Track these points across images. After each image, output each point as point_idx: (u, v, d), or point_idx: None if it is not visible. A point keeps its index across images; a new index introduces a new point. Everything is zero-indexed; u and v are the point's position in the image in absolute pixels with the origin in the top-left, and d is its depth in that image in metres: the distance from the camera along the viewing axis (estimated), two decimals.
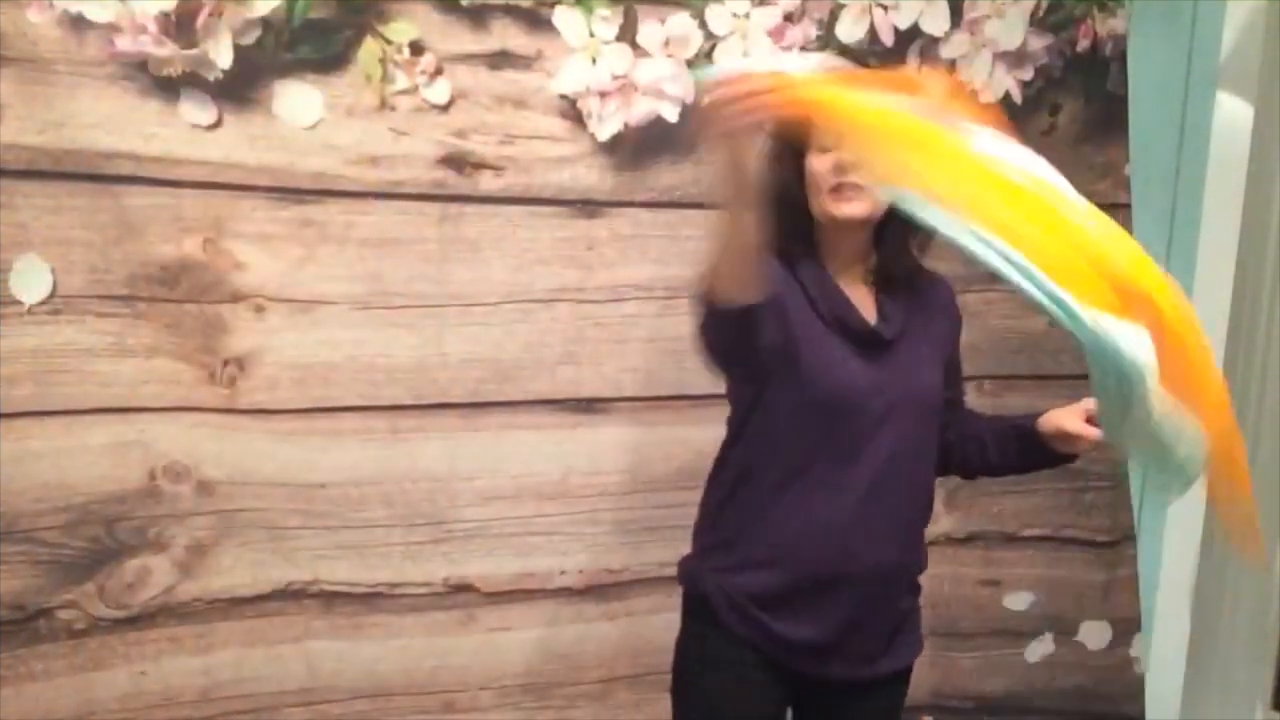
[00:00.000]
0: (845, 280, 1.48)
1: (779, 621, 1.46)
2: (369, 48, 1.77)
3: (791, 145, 1.43)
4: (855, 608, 1.46)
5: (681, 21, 1.87)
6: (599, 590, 1.99)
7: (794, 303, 1.43)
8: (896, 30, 1.96)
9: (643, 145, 1.90)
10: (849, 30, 1.94)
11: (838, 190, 1.40)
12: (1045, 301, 1.16)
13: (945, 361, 1.54)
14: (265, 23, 1.73)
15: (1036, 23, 2.01)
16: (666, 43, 1.88)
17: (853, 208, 1.41)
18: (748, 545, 1.48)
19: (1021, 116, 2.03)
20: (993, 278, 2.03)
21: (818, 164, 1.41)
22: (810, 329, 1.43)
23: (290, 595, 1.88)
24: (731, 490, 1.51)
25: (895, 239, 1.47)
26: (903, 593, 1.54)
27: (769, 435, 1.46)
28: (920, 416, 1.47)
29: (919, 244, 1.51)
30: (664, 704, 1.59)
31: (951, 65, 1.99)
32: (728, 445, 1.53)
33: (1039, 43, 2.01)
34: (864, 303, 1.48)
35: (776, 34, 1.90)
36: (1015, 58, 2.01)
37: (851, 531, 1.43)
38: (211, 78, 1.72)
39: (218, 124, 1.74)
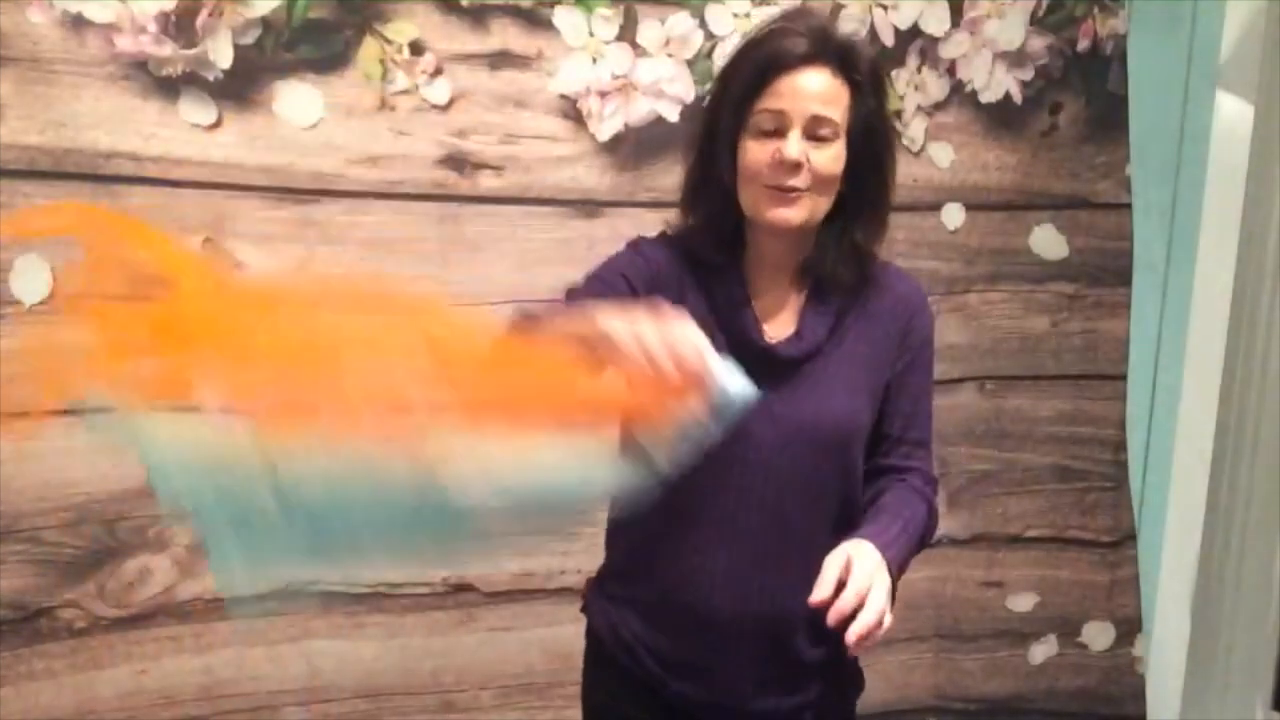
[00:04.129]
0: (771, 285, 1.26)
1: (669, 672, 1.28)
2: (369, 48, 1.78)
3: (729, 121, 1.20)
4: (752, 656, 1.26)
5: (681, 21, 1.88)
6: None
7: (693, 312, 1.12)
8: (896, 30, 1.96)
9: (642, 145, 1.90)
10: (849, 30, 1.94)
11: (775, 191, 1.18)
12: None
13: (882, 386, 1.28)
14: (265, 23, 1.73)
15: (1036, 23, 2.01)
16: (666, 43, 1.88)
17: (788, 214, 1.18)
18: (637, 582, 1.30)
19: (1021, 116, 2.04)
20: (993, 277, 2.08)
21: (755, 152, 1.18)
22: None
23: (290, 595, 1.88)
24: (622, 516, 1.29)
25: (832, 241, 1.24)
26: (810, 641, 1.28)
27: None
28: (824, 450, 1.24)
29: (871, 239, 1.26)
30: None
31: (951, 65, 2.00)
32: None
33: (1039, 43, 2.01)
34: (785, 314, 1.26)
35: None
36: (1015, 58, 2.01)
37: (746, 575, 1.23)
38: (211, 78, 1.73)
39: (218, 124, 1.74)
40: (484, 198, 1.86)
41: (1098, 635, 2.26)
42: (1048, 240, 2.10)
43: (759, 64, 1.18)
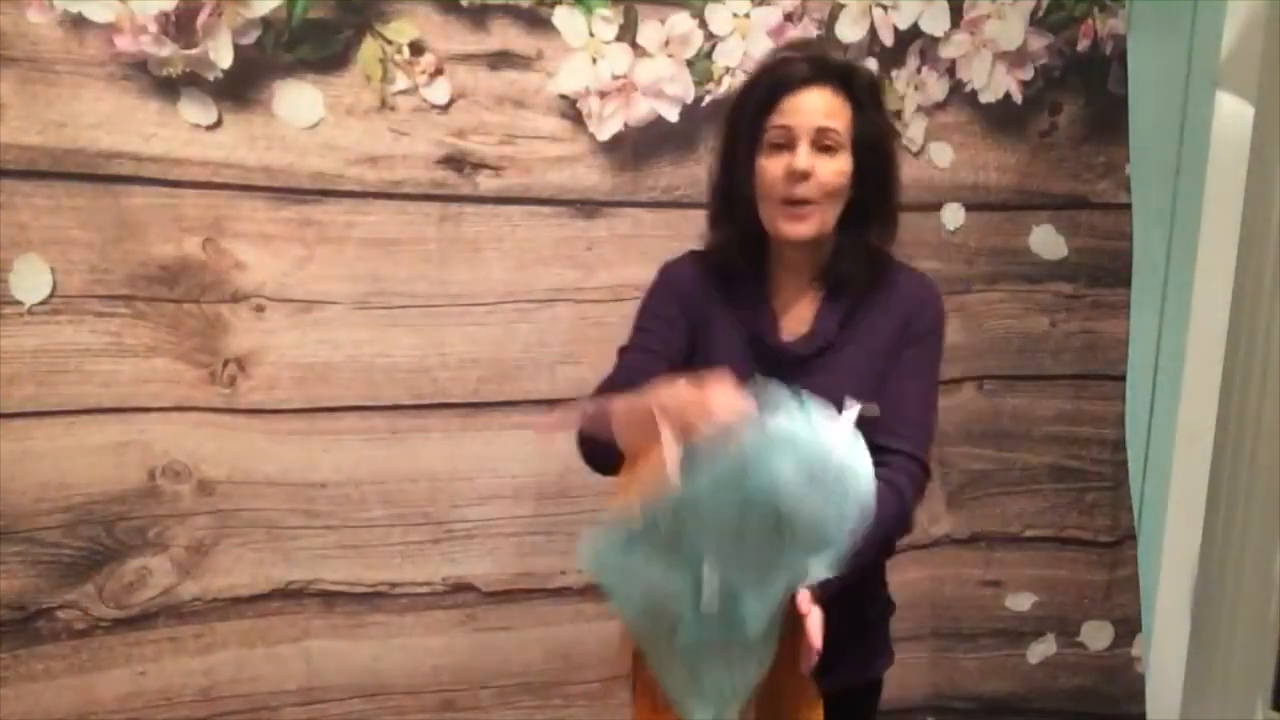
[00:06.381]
0: (792, 287, 1.42)
1: None
2: (369, 48, 1.78)
3: (744, 143, 1.36)
4: None
5: (681, 21, 1.87)
6: (599, 590, 1.99)
7: (720, 318, 1.40)
8: (896, 30, 1.96)
9: (642, 145, 1.90)
10: (849, 30, 1.94)
11: (787, 205, 1.33)
12: None
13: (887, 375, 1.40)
14: (265, 23, 1.73)
15: (1036, 23, 2.01)
16: (666, 43, 1.88)
17: (801, 228, 1.34)
18: None
19: (1021, 116, 2.04)
20: (992, 277, 2.09)
21: (770, 167, 1.33)
22: (727, 347, 1.39)
23: (290, 595, 1.88)
24: None
25: (847, 244, 1.38)
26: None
27: None
28: None
29: (884, 240, 1.41)
30: None
31: (951, 65, 2.00)
32: None
33: (1039, 43, 2.01)
34: (802, 313, 1.41)
35: (776, 34, 1.90)
36: (1015, 58, 2.01)
37: None
38: (211, 78, 1.72)
39: (218, 124, 1.74)
40: (484, 198, 1.86)
41: (1096, 635, 2.26)
42: (1047, 240, 2.11)
43: (767, 88, 1.34)
